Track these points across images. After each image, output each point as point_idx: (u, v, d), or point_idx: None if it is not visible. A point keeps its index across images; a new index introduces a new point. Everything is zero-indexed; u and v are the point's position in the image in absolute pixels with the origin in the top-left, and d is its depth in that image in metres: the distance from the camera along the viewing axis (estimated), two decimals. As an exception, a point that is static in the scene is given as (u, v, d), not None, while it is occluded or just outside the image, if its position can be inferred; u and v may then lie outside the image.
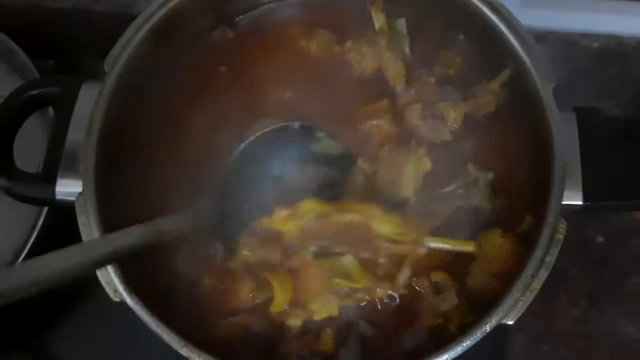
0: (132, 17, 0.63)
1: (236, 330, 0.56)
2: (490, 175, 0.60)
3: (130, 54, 0.60)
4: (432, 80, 0.64)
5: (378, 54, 0.64)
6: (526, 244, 0.55)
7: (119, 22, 0.63)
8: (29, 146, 0.60)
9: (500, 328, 0.70)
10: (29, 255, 0.67)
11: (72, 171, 0.58)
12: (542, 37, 0.82)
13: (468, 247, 0.57)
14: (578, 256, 0.74)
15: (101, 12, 0.86)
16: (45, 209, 0.68)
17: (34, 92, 0.61)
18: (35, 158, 0.60)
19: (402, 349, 0.55)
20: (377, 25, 0.65)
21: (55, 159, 0.58)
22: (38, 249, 0.67)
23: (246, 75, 0.66)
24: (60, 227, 0.67)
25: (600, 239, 0.75)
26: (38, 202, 0.62)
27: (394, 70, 0.64)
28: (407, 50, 0.66)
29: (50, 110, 0.69)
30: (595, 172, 0.56)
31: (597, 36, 0.83)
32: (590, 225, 0.75)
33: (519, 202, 0.58)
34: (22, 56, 0.75)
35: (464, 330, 0.51)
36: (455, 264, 0.58)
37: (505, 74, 0.62)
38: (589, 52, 0.83)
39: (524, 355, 0.71)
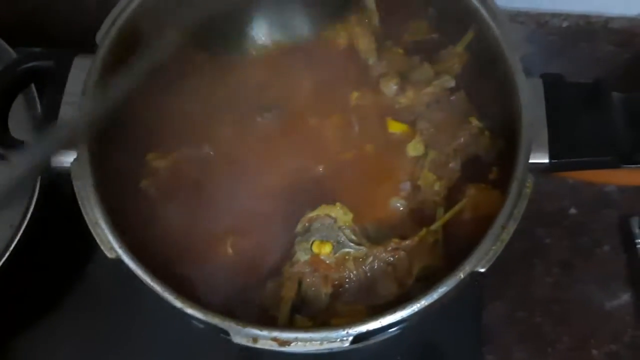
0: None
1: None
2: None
3: (122, 26, 0.61)
4: (401, 51, 0.66)
5: (349, 30, 0.67)
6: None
7: (110, 8, 0.63)
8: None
9: (477, 295, 0.73)
10: (26, 230, 0.67)
11: (66, 140, 0.59)
12: (513, 17, 0.84)
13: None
14: (552, 227, 0.76)
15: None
16: (39, 181, 0.69)
17: (28, 65, 0.62)
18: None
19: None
20: None
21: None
22: (35, 224, 0.68)
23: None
24: (53, 197, 0.69)
25: (573, 210, 0.77)
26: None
27: (365, 44, 0.66)
28: (377, 24, 0.68)
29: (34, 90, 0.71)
30: (560, 132, 0.58)
31: (567, 16, 0.85)
32: (564, 198, 0.77)
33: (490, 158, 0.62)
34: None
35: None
36: None
37: (469, 36, 0.65)
38: (559, 32, 0.85)
39: (501, 321, 0.72)
